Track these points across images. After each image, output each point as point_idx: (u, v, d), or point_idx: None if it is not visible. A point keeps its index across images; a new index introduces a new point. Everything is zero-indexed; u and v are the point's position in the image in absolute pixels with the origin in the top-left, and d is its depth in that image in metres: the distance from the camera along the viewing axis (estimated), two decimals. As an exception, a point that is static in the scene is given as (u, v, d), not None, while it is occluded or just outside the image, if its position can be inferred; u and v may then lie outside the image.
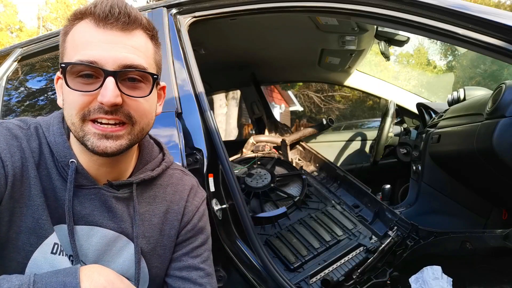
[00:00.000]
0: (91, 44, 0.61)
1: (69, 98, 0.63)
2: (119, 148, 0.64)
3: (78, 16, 0.65)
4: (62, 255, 0.68)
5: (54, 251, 0.67)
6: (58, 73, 0.70)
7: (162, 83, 0.76)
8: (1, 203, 0.62)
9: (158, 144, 0.85)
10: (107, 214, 0.70)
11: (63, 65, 0.61)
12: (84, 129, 0.63)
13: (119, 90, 0.61)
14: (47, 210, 0.66)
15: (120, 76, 0.62)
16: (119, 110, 0.63)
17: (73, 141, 0.70)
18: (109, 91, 0.60)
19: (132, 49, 0.64)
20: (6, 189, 0.61)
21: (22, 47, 1.67)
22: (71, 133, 0.70)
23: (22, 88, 1.69)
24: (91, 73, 0.61)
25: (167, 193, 0.80)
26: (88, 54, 0.61)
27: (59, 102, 0.69)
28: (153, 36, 0.70)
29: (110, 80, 0.60)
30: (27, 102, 1.67)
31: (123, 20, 0.63)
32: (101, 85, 0.61)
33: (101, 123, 0.62)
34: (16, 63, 1.66)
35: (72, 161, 0.67)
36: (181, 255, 0.80)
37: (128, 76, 0.64)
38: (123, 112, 0.63)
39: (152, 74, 0.66)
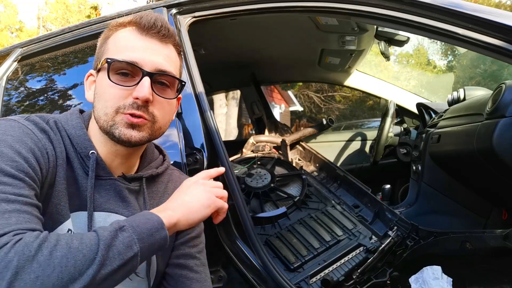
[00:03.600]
0: (134, 48, 0.72)
1: (107, 91, 0.71)
2: (141, 138, 0.72)
3: (122, 24, 0.75)
4: None
5: None
6: (91, 71, 0.79)
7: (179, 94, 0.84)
8: (42, 187, 0.66)
9: (157, 147, 0.93)
10: (121, 203, 0.77)
11: (109, 60, 0.70)
12: (115, 119, 0.70)
13: (152, 89, 0.71)
14: (66, 196, 0.71)
15: (154, 78, 0.71)
16: (147, 107, 0.71)
17: (92, 134, 0.77)
18: (145, 87, 0.69)
19: (167, 57, 0.75)
20: (48, 173, 0.67)
21: (22, 47, 1.67)
22: (89, 126, 0.78)
23: (22, 88, 1.69)
24: (129, 72, 0.71)
25: (169, 188, 0.88)
26: (131, 56, 0.70)
27: (88, 96, 0.78)
28: (180, 52, 0.82)
29: (146, 79, 0.70)
30: (27, 102, 1.67)
31: (163, 33, 0.74)
32: (137, 83, 0.70)
33: (131, 116, 0.71)
34: (16, 63, 1.66)
35: (92, 152, 0.73)
36: (178, 244, 0.85)
37: (159, 79, 0.74)
38: (149, 110, 0.72)
39: (180, 81, 0.78)
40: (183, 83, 0.78)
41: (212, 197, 0.74)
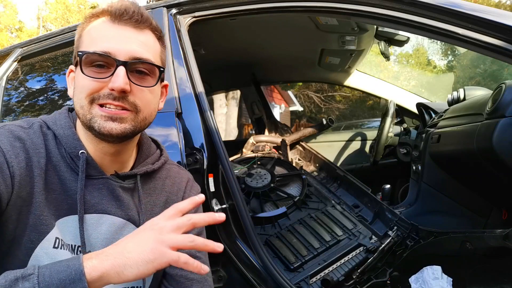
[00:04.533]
0: (106, 37, 0.68)
1: (81, 83, 0.68)
2: (123, 130, 0.68)
3: (95, 15, 0.72)
4: (64, 249, 0.69)
5: (56, 245, 0.68)
6: (71, 66, 0.76)
7: (165, 82, 0.82)
8: (9, 203, 0.63)
9: (154, 141, 0.90)
10: (114, 203, 0.74)
11: (80, 53, 0.67)
12: (91, 111, 0.67)
13: (128, 79, 0.67)
14: (48, 206, 0.68)
15: (129, 66, 0.68)
16: (126, 98, 0.68)
17: (80, 133, 0.74)
18: (120, 77, 0.66)
19: (142, 44, 0.71)
20: (13, 189, 0.64)
21: (22, 47, 1.67)
22: (77, 125, 0.75)
23: (22, 88, 1.69)
24: (104, 63, 0.67)
25: (166, 184, 0.85)
26: (103, 46, 0.67)
27: (70, 93, 0.75)
28: (160, 37, 0.77)
29: (121, 69, 0.66)
30: (27, 102, 1.67)
31: (136, 18, 0.70)
32: (112, 74, 0.66)
33: (108, 108, 0.67)
34: (16, 63, 1.66)
35: (82, 152, 0.71)
36: None
37: (136, 68, 0.70)
38: (129, 100, 0.68)
39: (158, 67, 0.72)
40: (162, 69, 0.74)
41: (160, 250, 0.56)
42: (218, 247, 0.60)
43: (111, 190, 0.74)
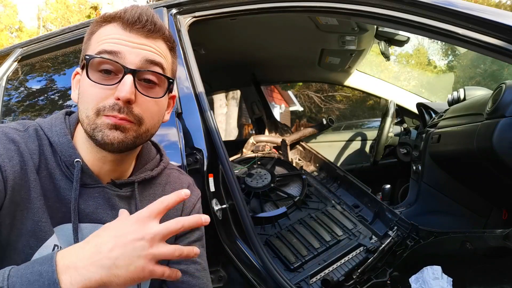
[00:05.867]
0: (116, 42, 0.66)
1: (88, 91, 0.66)
2: (124, 140, 0.66)
3: (107, 19, 0.69)
4: None
5: None
6: (78, 69, 0.73)
7: (173, 93, 0.79)
8: (2, 208, 0.62)
9: (155, 145, 0.88)
10: (110, 212, 0.72)
11: (87, 56, 0.65)
12: (97, 122, 0.65)
13: (135, 88, 0.65)
14: (47, 212, 0.66)
15: (138, 75, 0.66)
16: (131, 109, 0.66)
17: (77, 140, 0.72)
18: (127, 86, 0.63)
19: (155, 50, 0.69)
20: (6, 193, 0.62)
21: (22, 47, 1.67)
22: (76, 131, 0.73)
23: (22, 88, 1.69)
24: (111, 69, 0.65)
25: (166, 191, 0.83)
26: (111, 46, 0.65)
27: (74, 97, 0.73)
28: (173, 47, 0.75)
29: (128, 77, 0.64)
30: (27, 102, 1.67)
31: (149, 28, 0.68)
32: (119, 81, 0.64)
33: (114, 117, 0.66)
34: (16, 63, 1.66)
35: (77, 161, 0.69)
36: None
37: (145, 77, 0.68)
38: (133, 112, 0.66)
39: (168, 78, 0.70)
40: (171, 80, 0.71)
41: (149, 268, 0.54)
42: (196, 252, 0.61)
43: (107, 199, 0.72)
